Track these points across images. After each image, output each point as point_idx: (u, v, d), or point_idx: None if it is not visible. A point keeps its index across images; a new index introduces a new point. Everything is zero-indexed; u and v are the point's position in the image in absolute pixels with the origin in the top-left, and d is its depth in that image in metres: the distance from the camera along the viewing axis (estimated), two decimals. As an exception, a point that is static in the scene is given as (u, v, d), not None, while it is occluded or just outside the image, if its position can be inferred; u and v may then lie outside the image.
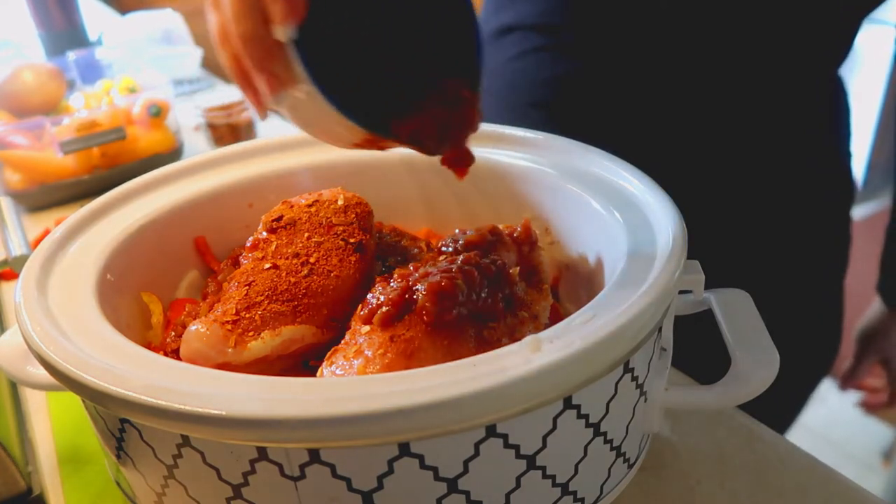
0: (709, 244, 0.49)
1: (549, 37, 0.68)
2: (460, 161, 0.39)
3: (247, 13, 0.31)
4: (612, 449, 0.36)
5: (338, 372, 0.35)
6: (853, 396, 0.86)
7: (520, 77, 0.71)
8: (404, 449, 0.29)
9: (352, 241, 0.42)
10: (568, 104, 0.68)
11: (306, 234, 0.43)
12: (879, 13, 0.67)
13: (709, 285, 0.42)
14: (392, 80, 0.37)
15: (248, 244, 0.44)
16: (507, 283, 0.39)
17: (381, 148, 0.37)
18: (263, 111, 0.35)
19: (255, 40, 0.32)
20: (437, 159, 0.39)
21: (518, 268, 0.41)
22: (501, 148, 0.52)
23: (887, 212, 0.74)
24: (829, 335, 0.78)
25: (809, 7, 0.61)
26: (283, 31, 0.31)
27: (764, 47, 0.62)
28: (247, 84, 0.34)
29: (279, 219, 0.44)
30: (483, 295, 0.37)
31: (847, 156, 0.72)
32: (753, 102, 0.65)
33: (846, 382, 0.83)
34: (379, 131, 0.35)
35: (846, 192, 0.73)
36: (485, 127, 0.53)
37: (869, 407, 0.84)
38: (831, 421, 1.69)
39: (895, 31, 1.61)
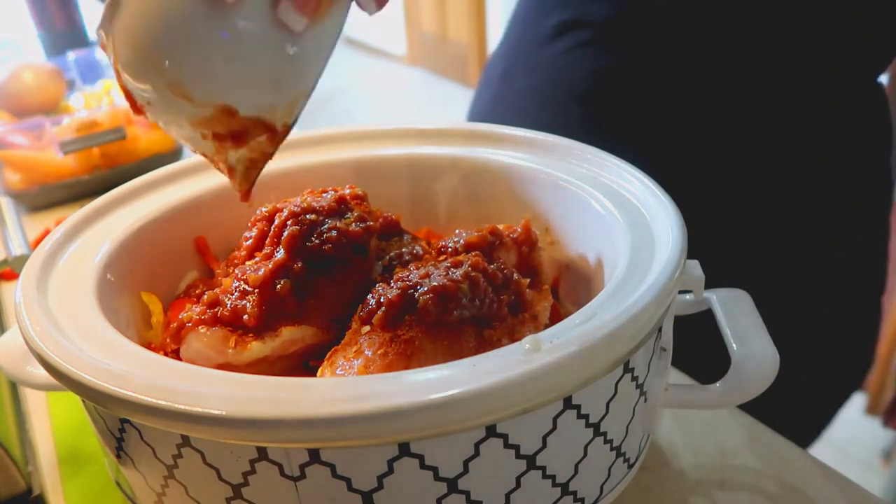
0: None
1: (597, 31, 0.67)
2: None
3: None
4: (612, 449, 0.36)
5: (338, 372, 0.35)
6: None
7: (564, 71, 0.70)
8: (404, 449, 0.29)
9: (352, 240, 0.42)
10: (608, 97, 0.68)
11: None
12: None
13: (709, 285, 0.42)
14: None
15: (247, 245, 0.44)
16: (515, 291, 0.39)
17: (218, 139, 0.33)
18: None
19: None
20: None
21: (528, 280, 0.41)
22: (501, 148, 0.52)
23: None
24: (858, 350, 0.74)
25: (857, 10, 0.59)
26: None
27: (805, 47, 0.61)
28: None
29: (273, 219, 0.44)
30: (487, 301, 0.37)
31: (885, 167, 0.69)
32: (790, 105, 0.64)
33: (891, 419, 0.78)
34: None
35: (881, 205, 0.70)
36: (485, 127, 0.53)
37: None
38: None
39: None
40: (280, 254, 0.40)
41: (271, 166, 0.52)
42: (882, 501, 0.42)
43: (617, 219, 0.42)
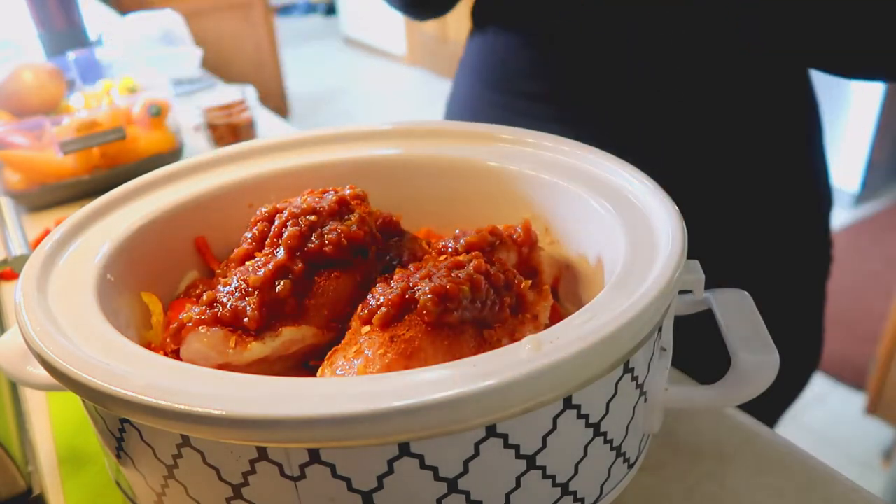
0: (709, 244, 0.49)
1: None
2: None
3: None
4: (612, 449, 0.36)
5: (338, 372, 0.35)
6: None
7: (511, 67, 0.71)
8: (404, 449, 0.29)
9: (353, 242, 0.42)
10: (565, 96, 0.69)
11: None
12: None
13: (709, 285, 0.42)
14: None
15: (247, 245, 0.44)
16: (517, 293, 0.39)
17: None
18: None
19: None
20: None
21: (529, 281, 0.41)
22: (500, 148, 0.52)
23: (887, 211, 0.75)
24: (812, 333, 0.79)
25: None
26: None
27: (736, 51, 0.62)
28: None
29: (274, 219, 0.44)
30: (488, 303, 0.37)
31: (820, 165, 0.72)
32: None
33: None
34: None
35: (821, 199, 0.73)
36: (484, 127, 0.53)
37: None
38: (831, 421, 1.69)
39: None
40: (280, 254, 0.40)
41: (271, 166, 0.52)
42: (882, 501, 0.42)
43: (617, 219, 0.42)
